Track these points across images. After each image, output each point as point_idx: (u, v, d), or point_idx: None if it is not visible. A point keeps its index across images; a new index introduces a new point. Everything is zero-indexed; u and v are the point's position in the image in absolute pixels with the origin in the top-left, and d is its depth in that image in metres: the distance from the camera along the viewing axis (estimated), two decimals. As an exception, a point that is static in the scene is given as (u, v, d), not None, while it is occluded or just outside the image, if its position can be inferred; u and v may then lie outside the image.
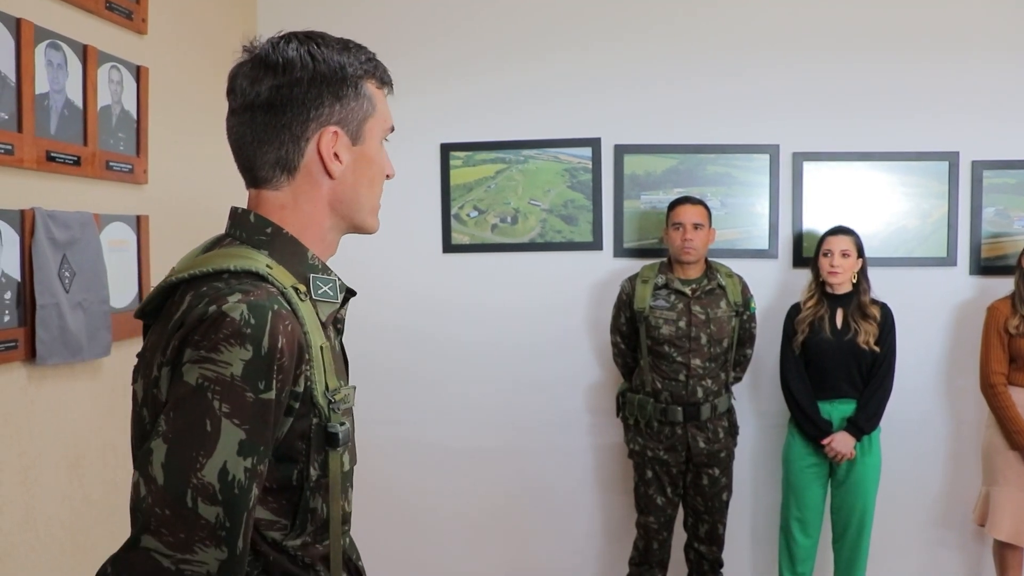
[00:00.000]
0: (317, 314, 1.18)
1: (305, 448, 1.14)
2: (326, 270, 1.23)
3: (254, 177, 1.24)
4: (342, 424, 1.16)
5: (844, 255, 3.38)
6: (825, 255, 3.41)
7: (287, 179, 1.22)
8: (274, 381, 1.06)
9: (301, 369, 1.11)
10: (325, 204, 1.23)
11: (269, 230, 1.20)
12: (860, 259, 3.42)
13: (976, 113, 3.65)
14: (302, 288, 1.16)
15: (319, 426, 1.14)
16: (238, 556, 1.04)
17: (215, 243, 1.24)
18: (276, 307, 1.08)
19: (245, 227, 1.22)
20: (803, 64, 3.70)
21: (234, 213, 1.24)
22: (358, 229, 1.29)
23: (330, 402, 1.15)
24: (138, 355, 1.20)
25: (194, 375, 1.04)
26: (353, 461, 1.24)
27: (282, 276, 1.15)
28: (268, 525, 1.14)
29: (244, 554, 1.05)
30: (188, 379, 1.05)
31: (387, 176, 1.31)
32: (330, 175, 1.22)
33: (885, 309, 3.44)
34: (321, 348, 1.14)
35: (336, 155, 1.22)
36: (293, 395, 1.11)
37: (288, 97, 1.19)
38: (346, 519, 1.24)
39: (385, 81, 1.28)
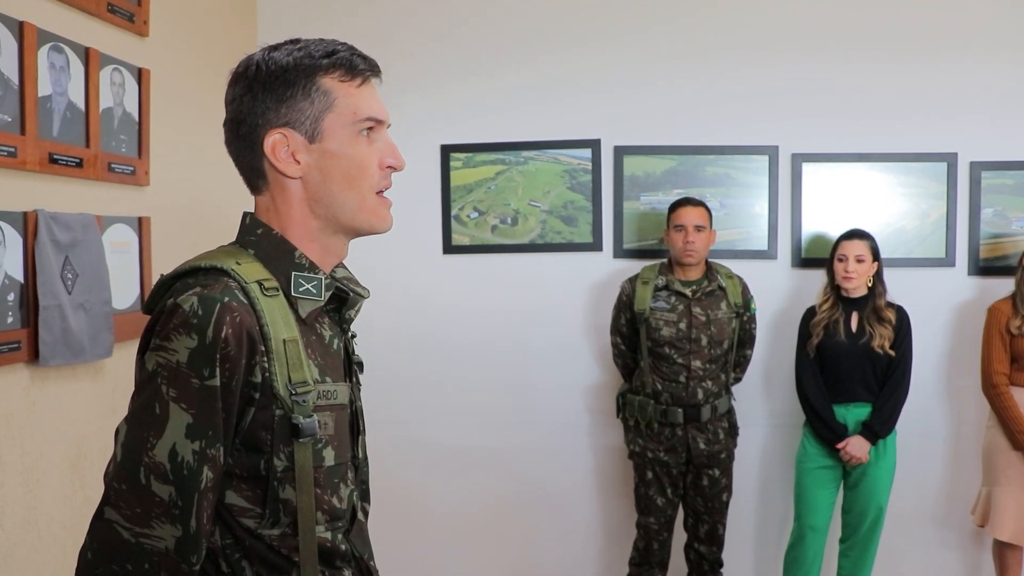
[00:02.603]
0: (296, 310, 1.22)
1: (270, 438, 1.18)
2: (312, 269, 1.26)
3: (248, 185, 1.31)
4: (308, 417, 1.18)
5: (859, 260, 3.37)
6: (840, 260, 3.40)
7: (265, 184, 1.28)
8: (218, 368, 1.12)
9: (255, 360, 1.15)
10: (302, 205, 1.26)
11: (259, 231, 1.27)
12: (876, 263, 3.41)
13: (975, 114, 3.66)
14: (271, 284, 1.20)
15: (283, 417, 1.18)
16: (192, 535, 1.11)
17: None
18: (227, 300, 1.14)
19: (242, 229, 1.29)
20: (802, 65, 3.71)
21: (242, 217, 1.31)
22: (355, 230, 1.29)
23: (292, 394, 1.17)
24: None
25: (152, 362, 1.13)
26: (340, 457, 1.26)
27: (249, 272, 1.19)
28: (241, 512, 1.19)
29: (200, 533, 1.12)
30: (148, 365, 1.14)
31: (391, 168, 1.29)
32: (287, 176, 1.25)
33: (901, 312, 3.42)
34: (285, 342, 1.18)
35: (294, 156, 1.24)
36: (251, 385, 1.15)
37: (240, 108, 1.25)
38: (337, 515, 1.26)
39: (355, 71, 1.25)
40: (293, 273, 1.24)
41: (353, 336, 1.39)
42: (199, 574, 1.16)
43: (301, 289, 1.24)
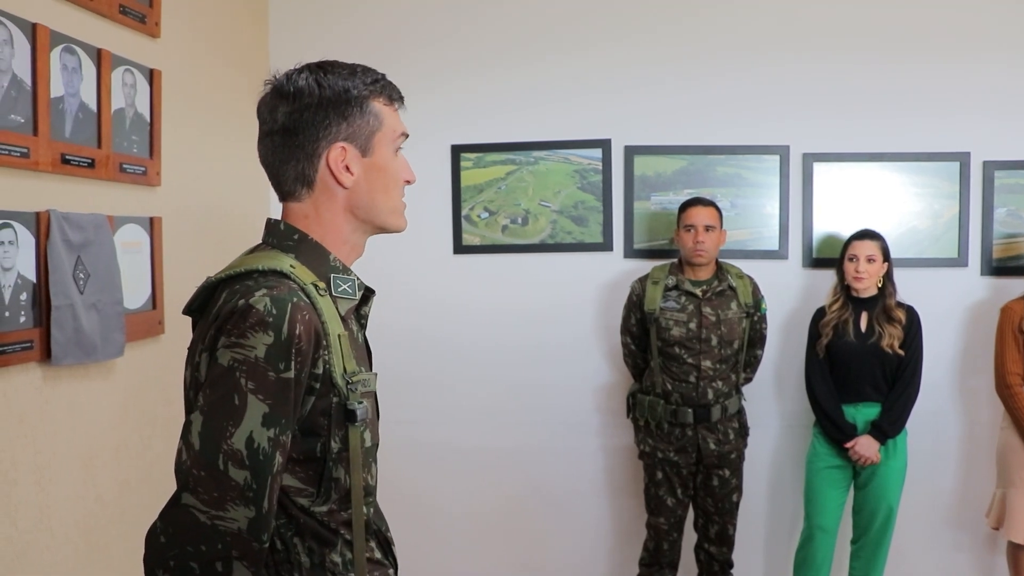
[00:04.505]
0: (337, 308, 1.35)
1: (327, 423, 1.30)
2: (346, 271, 1.41)
3: (282, 192, 1.42)
4: (360, 403, 1.31)
5: (870, 260, 3.36)
6: (851, 260, 3.39)
7: (307, 192, 1.40)
8: (293, 362, 1.24)
9: (319, 353, 1.28)
10: (343, 211, 1.41)
11: (296, 236, 1.39)
12: (886, 263, 3.40)
13: (987, 113, 3.64)
14: (321, 285, 1.33)
15: (339, 404, 1.31)
16: (264, 515, 1.22)
17: (253, 249, 1.42)
18: (296, 300, 1.26)
19: (276, 234, 1.40)
20: (813, 64, 3.70)
21: (268, 223, 1.43)
22: (382, 229, 1.46)
23: (348, 383, 1.31)
24: (188, 347, 1.36)
25: (226, 358, 1.23)
26: (375, 440, 1.39)
27: (304, 274, 1.32)
28: (297, 492, 1.31)
29: (270, 514, 1.23)
30: (222, 361, 1.23)
31: (407, 182, 1.46)
32: (342, 185, 1.39)
33: (911, 312, 3.41)
34: (339, 336, 1.31)
35: (347, 167, 1.39)
36: (313, 376, 1.28)
37: (299, 121, 1.37)
38: (370, 491, 1.39)
39: (394, 98, 1.45)
40: (331, 275, 1.38)
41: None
42: None
43: (339, 289, 1.38)
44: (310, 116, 1.37)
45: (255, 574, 1.23)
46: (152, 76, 2.84)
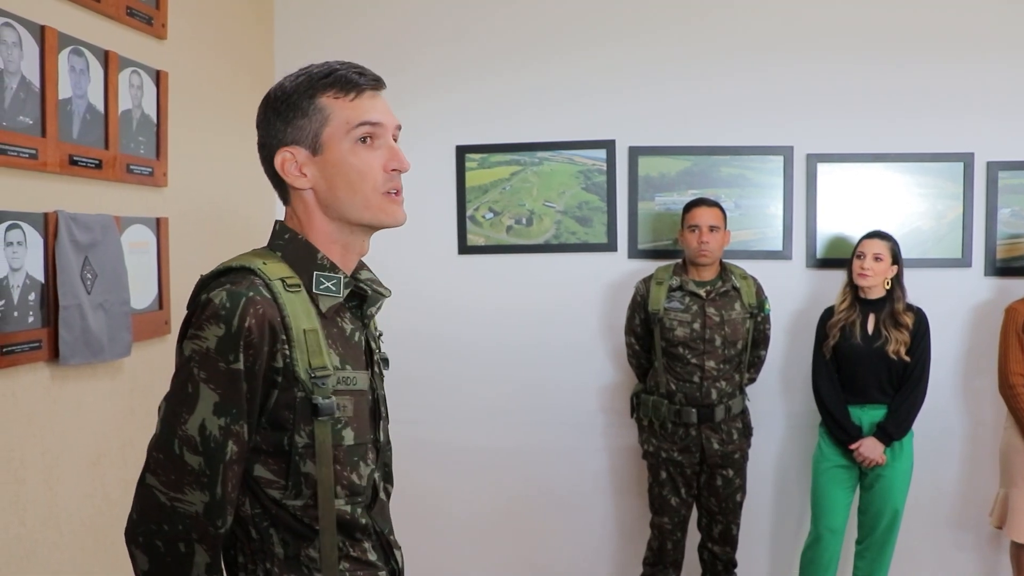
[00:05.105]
0: (317, 305, 1.36)
1: (292, 417, 1.32)
2: (333, 269, 1.40)
3: (280, 198, 1.47)
4: (327, 399, 1.32)
5: (877, 259, 3.36)
6: (858, 257, 3.39)
7: (289, 197, 1.44)
8: (242, 354, 1.27)
9: (277, 347, 1.30)
10: (317, 211, 1.41)
11: (287, 236, 1.42)
12: (895, 266, 3.40)
13: (991, 114, 3.64)
14: (294, 281, 1.35)
15: (304, 399, 1.32)
16: (218, 500, 1.27)
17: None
18: (251, 294, 1.29)
19: (273, 235, 1.44)
20: (817, 65, 3.70)
21: (273, 225, 1.46)
22: (368, 226, 1.42)
23: (312, 378, 1.31)
24: None
25: (188, 348, 1.29)
26: (363, 439, 1.40)
27: (274, 271, 1.34)
28: (268, 484, 1.34)
29: (225, 500, 1.28)
30: (184, 351, 1.30)
31: (394, 170, 1.40)
32: (297, 188, 1.40)
33: (920, 316, 3.40)
34: (305, 331, 1.32)
35: (301, 170, 1.39)
36: (274, 370, 1.30)
37: (260, 132, 1.42)
38: (357, 490, 1.39)
39: (348, 87, 1.38)
40: (315, 273, 1.38)
41: (380, 335, 1.55)
42: (234, 539, 1.35)
43: (322, 287, 1.38)
44: (263, 125, 1.41)
45: (212, 558, 1.29)
46: (159, 77, 2.85)
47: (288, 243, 1.40)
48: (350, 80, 1.37)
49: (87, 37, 2.47)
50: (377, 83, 1.41)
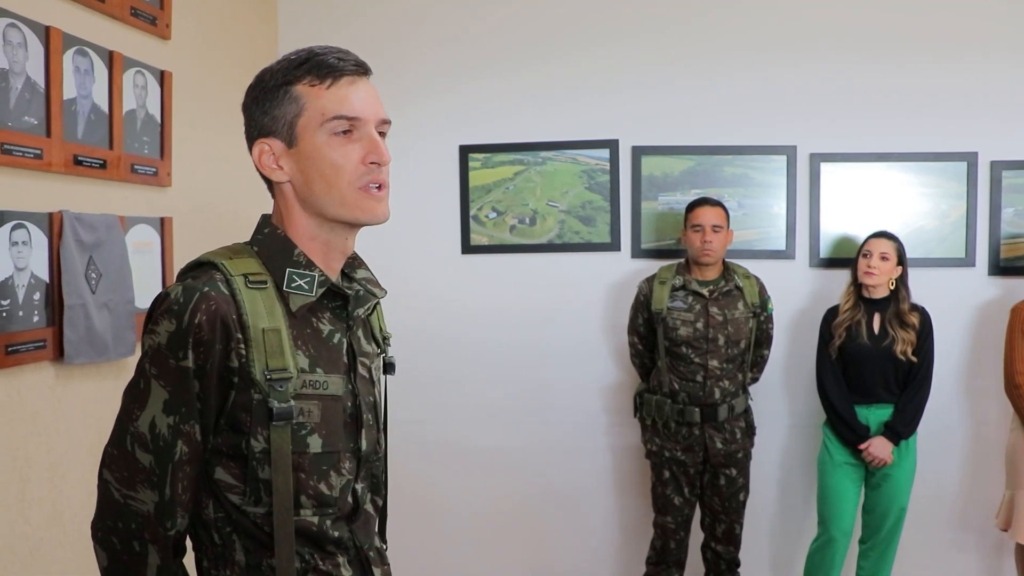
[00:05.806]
0: (287, 303, 1.29)
1: (249, 420, 1.25)
2: (308, 266, 1.32)
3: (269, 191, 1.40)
4: (285, 402, 1.25)
5: (883, 258, 3.36)
6: (864, 256, 3.39)
7: (270, 190, 1.37)
8: (191, 352, 1.22)
9: (231, 346, 1.23)
10: (296, 206, 1.33)
11: (266, 230, 1.35)
12: (900, 266, 3.40)
13: (995, 113, 3.63)
14: (260, 278, 1.28)
15: (261, 401, 1.25)
16: (167, 501, 1.23)
17: None
18: (206, 289, 1.23)
19: (255, 229, 1.37)
20: (820, 65, 3.70)
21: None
22: (346, 223, 1.33)
23: (268, 380, 1.24)
24: None
25: (145, 343, 1.26)
26: (330, 446, 1.31)
27: (238, 267, 1.28)
28: (228, 488, 1.28)
29: (174, 502, 1.23)
30: (142, 346, 1.27)
31: (373, 163, 1.29)
32: (275, 181, 1.34)
33: (924, 315, 3.40)
34: (265, 330, 1.25)
35: (278, 163, 1.31)
36: (228, 369, 1.24)
37: (244, 121, 1.35)
38: (326, 501, 1.31)
39: (323, 73, 1.28)
40: (288, 269, 1.30)
41: (386, 338, 1.48)
42: (199, 543, 1.31)
43: (293, 285, 1.30)
44: (247, 117, 1.34)
45: (164, 560, 1.25)
46: (163, 77, 2.86)
47: (266, 238, 1.33)
48: (327, 65, 1.28)
49: (91, 37, 2.48)
50: (359, 68, 1.31)
